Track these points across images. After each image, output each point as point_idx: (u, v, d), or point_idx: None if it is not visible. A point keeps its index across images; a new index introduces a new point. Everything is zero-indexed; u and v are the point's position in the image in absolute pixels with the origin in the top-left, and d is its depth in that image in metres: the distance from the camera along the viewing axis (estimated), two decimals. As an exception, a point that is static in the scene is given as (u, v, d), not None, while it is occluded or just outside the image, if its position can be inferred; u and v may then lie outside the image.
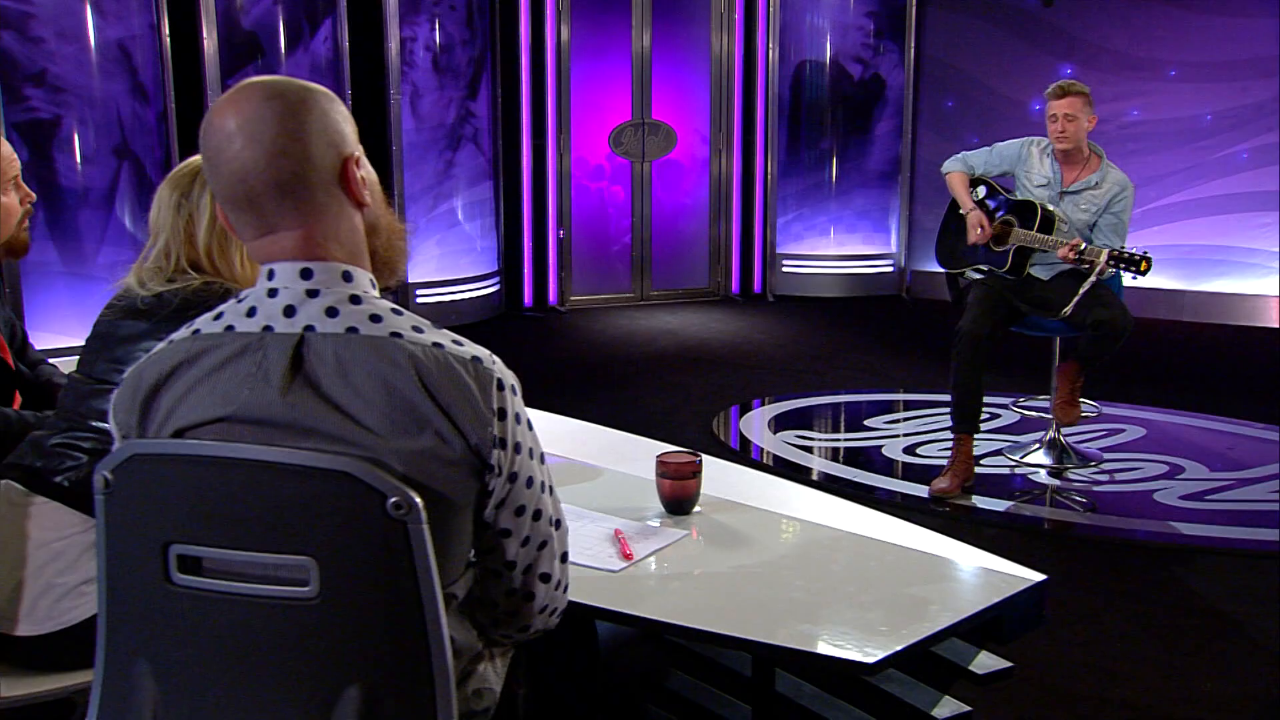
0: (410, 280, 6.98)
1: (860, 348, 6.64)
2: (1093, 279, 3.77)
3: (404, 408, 1.18)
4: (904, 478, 4.19)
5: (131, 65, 5.05)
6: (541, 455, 1.33)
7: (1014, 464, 4.31)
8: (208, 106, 5.47)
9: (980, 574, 1.59)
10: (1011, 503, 3.93)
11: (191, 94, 5.49)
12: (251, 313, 1.23)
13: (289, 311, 1.21)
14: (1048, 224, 3.95)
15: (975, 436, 4.10)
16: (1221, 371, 6.09)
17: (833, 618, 1.49)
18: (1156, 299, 7.38)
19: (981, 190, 4.18)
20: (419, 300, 7.03)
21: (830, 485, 4.14)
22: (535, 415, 2.49)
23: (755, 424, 4.99)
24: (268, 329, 1.21)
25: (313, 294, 1.22)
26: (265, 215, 1.21)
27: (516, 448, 1.26)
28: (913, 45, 8.05)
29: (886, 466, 4.33)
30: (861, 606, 1.51)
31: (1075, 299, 3.82)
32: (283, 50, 5.82)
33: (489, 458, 1.23)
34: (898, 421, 4.95)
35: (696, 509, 1.86)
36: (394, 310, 1.25)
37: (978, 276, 4.17)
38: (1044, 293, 4.03)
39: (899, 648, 1.37)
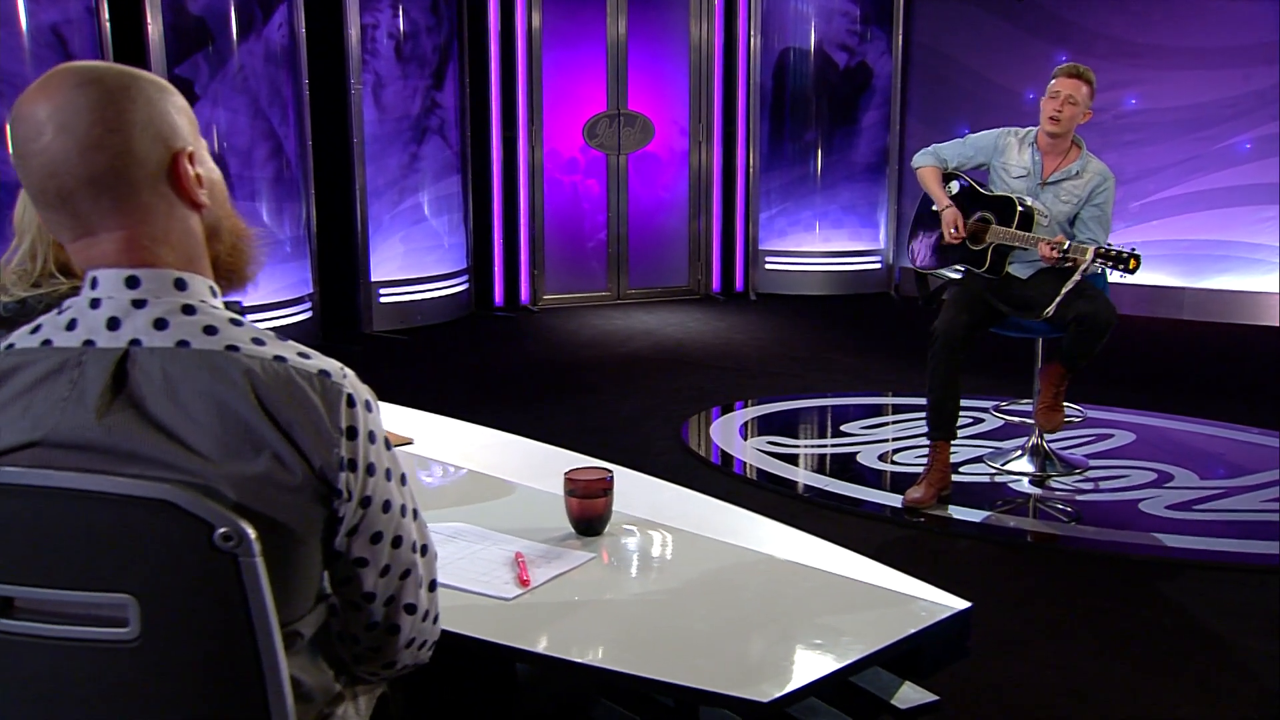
0: (374, 279, 6.92)
1: (846, 348, 6.59)
2: (1076, 278, 3.71)
3: (238, 429, 1.12)
4: (877, 486, 4.13)
5: (68, 52, 4.97)
6: (402, 476, 1.26)
7: (995, 472, 4.25)
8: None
9: (899, 601, 1.52)
10: (990, 513, 3.87)
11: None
12: (71, 325, 1.16)
13: (113, 324, 1.14)
14: (1026, 220, 3.89)
15: (953, 443, 4.05)
16: (1220, 373, 6.04)
17: (736, 650, 1.43)
18: (1154, 297, 7.33)
19: (955, 185, 4.10)
20: (383, 300, 6.97)
21: (796, 494, 4.08)
22: (451, 424, 2.44)
23: (727, 429, 4.92)
24: (89, 344, 1.14)
25: (139, 304, 1.15)
26: (81, 216, 1.14)
27: (369, 469, 1.20)
28: (901, 32, 7.99)
29: (861, 475, 4.27)
30: (768, 638, 1.45)
31: (1058, 299, 3.76)
32: (234, 37, 5.75)
33: (335, 482, 1.16)
34: (877, 427, 4.89)
35: (609, 529, 1.79)
36: (233, 321, 1.18)
37: (955, 276, 4.11)
38: (1024, 292, 3.97)
39: (797, 686, 1.31)
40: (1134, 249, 3.68)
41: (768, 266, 8.16)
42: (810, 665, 1.38)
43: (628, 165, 7.86)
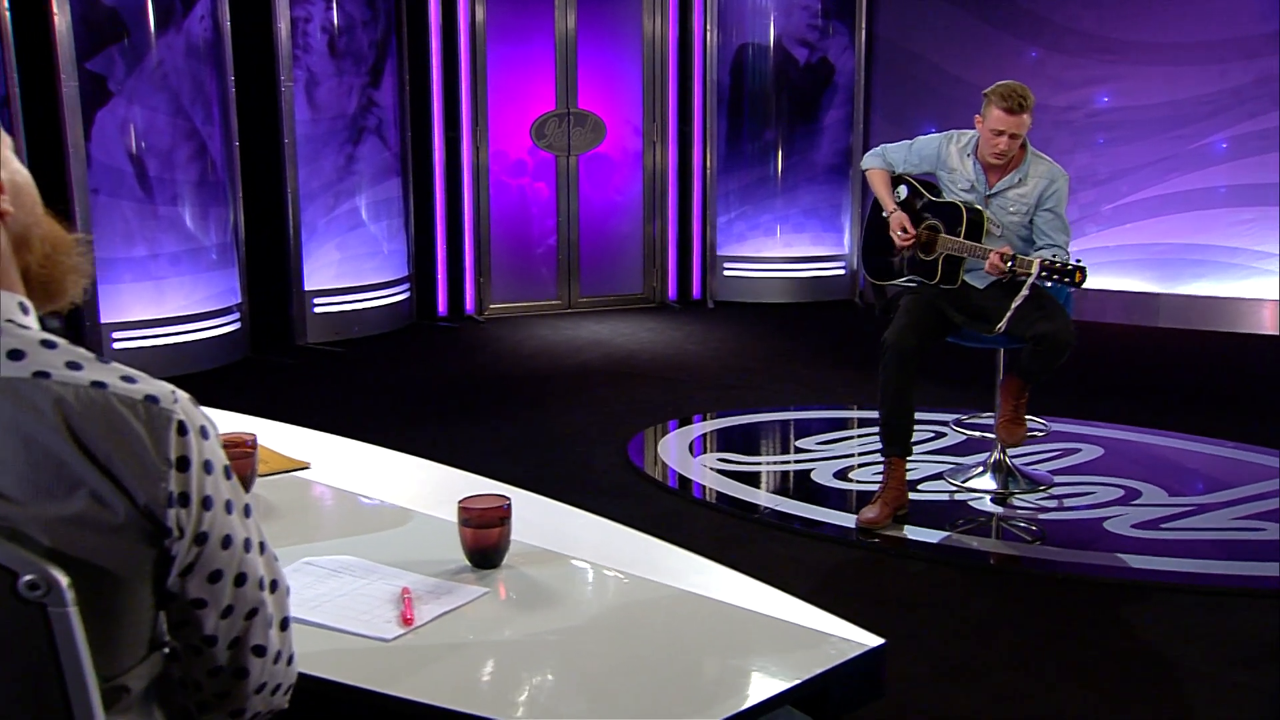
0: (307, 288, 6.83)
1: (808, 358, 6.57)
2: (1024, 293, 3.70)
3: (49, 466, 1.06)
4: (831, 505, 4.10)
5: (-36, 45, 4.89)
6: (245, 508, 1.21)
7: (955, 489, 4.23)
8: (62, 93, 5.22)
9: (808, 639, 1.48)
10: (949, 533, 3.85)
11: (41, 79, 5.32)
12: None
13: (-100, 351, 1.08)
14: (976, 228, 3.87)
15: (912, 459, 4.03)
16: (1195, 383, 6.07)
17: (632, 692, 1.38)
18: (1129, 303, 7.37)
19: (904, 190, 4.09)
20: (317, 310, 6.89)
21: (744, 514, 4.04)
22: (352, 447, 2.38)
23: (677, 446, 4.88)
24: (-127, 372, 1.08)
25: (-67, 328, 1.09)
26: None
27: (205, 503, 1.14)
28: (864, 26, 8.01)
29: (815, 493, 4.23)
30: (660, 681, 1.40)
31: (1009, 314, 3.74)
32: (152, 30, 5.65)
33: (164, 519, 1.10)
34: (834, 442, 4.86)
35: (508, 561, 1.74)
36: (45, 343, 1.11)
37: (910, 285, 4.09)
38: (980, 302, 3.96)
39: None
40: (1079, 260, 3.67)
41: (726, 273, 8.14)
42: (711, 707, 1.33)
43: (578, 167, 7.83)
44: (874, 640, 1.46)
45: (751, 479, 4.44)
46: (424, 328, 7.44)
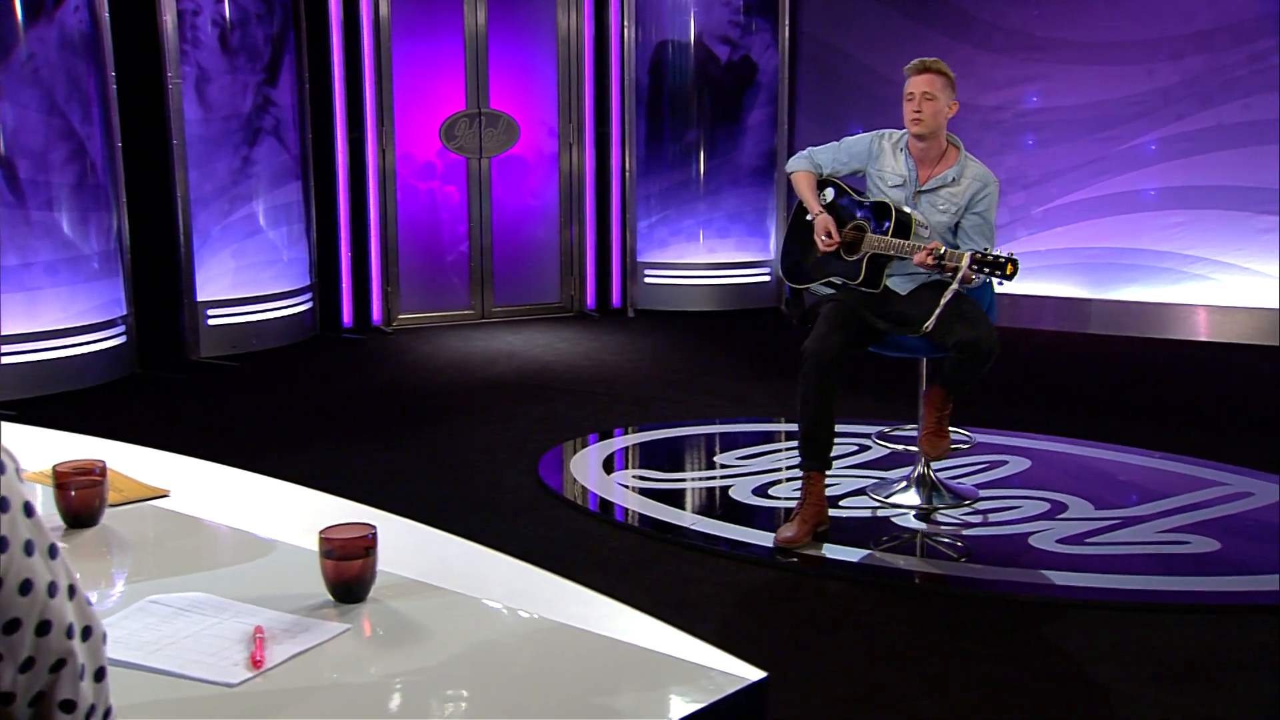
0: (200, 299, 6.69)
1: (732, 369, 6.57)
2: (955, 286, 3.72)
3: None
4: (748, 524, 4.08)
5: None
6: (50, 548, 1.14)
7: (878, 505, 4.24)
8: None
9: (686, 673, 1.45)
10: (870, 551, 3.85)
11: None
12: None
13: None
14: (903, 228, 3.90)
15: (835, 474, 4.02)
16: (1126, 391, 6.17)
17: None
18: (1060, 309, 7.48)
19: (830, 192, 4.11)
20: (211, 322, 6.74)
21: (655, 533, 4.01)
22: (218, 472, 2.30)
23: (590, 463, 4.84)
24: None
25: None
26: None
27: None
28: (787, 23, 8.07)
29: (731, 511, 4.21)
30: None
31: (937, 310, 3.77)
32: (20, 20, 5.49)
33: (-50, 563, 1.04)
34: (754, 457, 4.84)
35: (373, 595, 1.68)
36: None
37: (829, 291, 4.10)
38: (903, 308, 3.98)
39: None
40: (1011, 253, 3.71)
41: (647, 280, 8.13)
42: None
43: (491, 170, 7.77)
44: (755, 674, 1.42)
45: (669, 497, 4.40)
46: (327, 340, 7.33)
